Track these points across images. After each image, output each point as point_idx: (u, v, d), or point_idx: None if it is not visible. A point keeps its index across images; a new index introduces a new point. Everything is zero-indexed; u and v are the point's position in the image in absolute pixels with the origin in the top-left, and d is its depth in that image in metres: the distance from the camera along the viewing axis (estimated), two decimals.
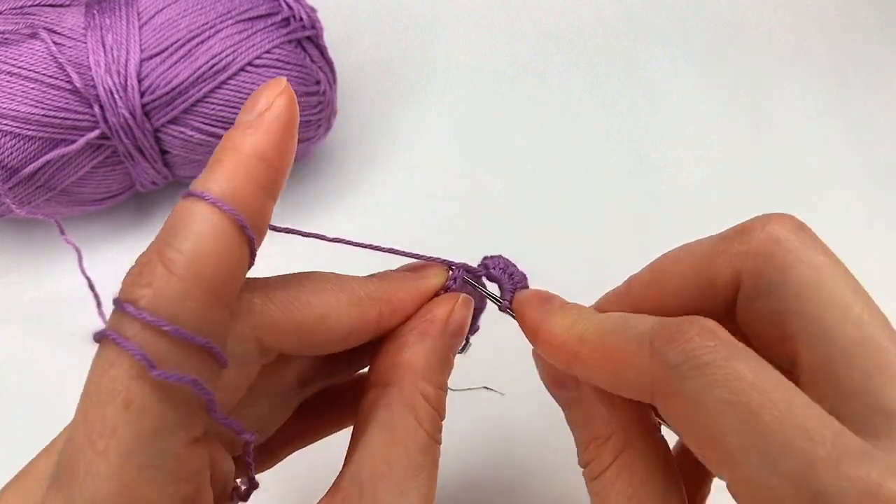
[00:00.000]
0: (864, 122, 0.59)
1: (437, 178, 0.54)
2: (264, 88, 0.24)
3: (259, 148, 0.23)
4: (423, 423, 0.26)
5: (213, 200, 0.21)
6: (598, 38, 0.62)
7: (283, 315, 0.26)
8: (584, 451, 0.27)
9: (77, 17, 0.44)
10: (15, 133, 0.42)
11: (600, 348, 0.26)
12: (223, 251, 0.21)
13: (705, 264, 0.27)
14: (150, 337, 0.20)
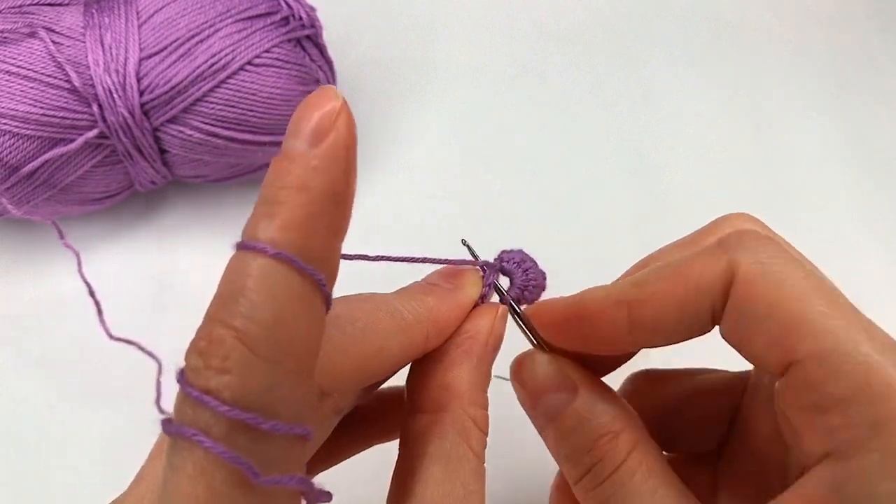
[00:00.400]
0: (864, 121, 0.59)
1: (437, 178, 0.54)
2: (315, 103, 0.20)
3: (327, 185, 0.19)
4: (474, 448, 0.26)
5: (285, 256, 0.18)
6: (598, 38, 0.62)
7: (343, 359, 0.24)
8: (587, 454, 0.26)
9: (76, 16, 0.44)
10: (13, 132, 0.42)
11: (664, 277, 0.25)
12: (305, 318, 0.18)
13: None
14: (239, 434, 0.17)
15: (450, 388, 0.26)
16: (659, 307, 0.25)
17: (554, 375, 0.28)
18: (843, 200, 0.55)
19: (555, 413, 0.27)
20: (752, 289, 0.24)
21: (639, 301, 0.25)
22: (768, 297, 0.23)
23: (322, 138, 0.19)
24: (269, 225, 0.18)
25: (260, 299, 0.17)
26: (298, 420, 0.18)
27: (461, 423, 0.26)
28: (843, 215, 0.54)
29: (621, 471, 0.26)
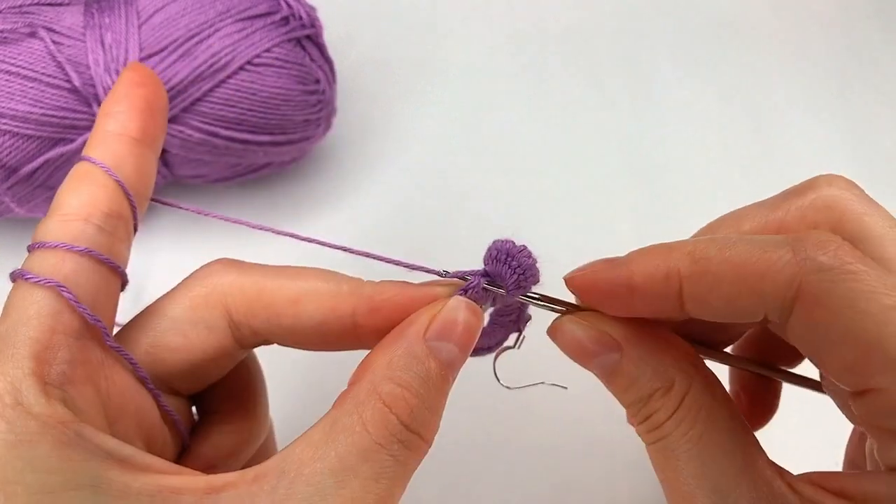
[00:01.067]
0: (864, 121, 0.59)
1: (436, 178, 0.54)
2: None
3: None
4: (368, 424, 0.23)
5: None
6: (598, 38, 0.62)
7: (253, 289, 0.27)
8: (644, 406, 0.27)
9: (76, 16, 0.44)
10: (14, 132, 0.42)
11: (722, 261, 0.24)
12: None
13: (772, 223, 0.28)
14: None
15: (365, 365, 0.25)
16: (713, 293, 0.25)
17: (594, 338, 0.27)
18: None
19: (608, 371, 0.28)
20: (821, 310, 0.22)
21: (692, 277, 0.25)
22: (840, 321, 0.22)
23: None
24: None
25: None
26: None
27: (360, 394, 0.24)
28: None
29: (673, 419, 0.26)
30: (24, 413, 0.21)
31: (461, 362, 0.26)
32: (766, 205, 0.29)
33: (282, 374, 0.35)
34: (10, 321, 0.24)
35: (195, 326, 0.28)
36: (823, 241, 0.23)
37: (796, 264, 0.23)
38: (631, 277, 0.26)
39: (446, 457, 0.33)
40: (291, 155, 0.50)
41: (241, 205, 0.52)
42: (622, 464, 0.43)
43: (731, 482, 0.25)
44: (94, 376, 0.24)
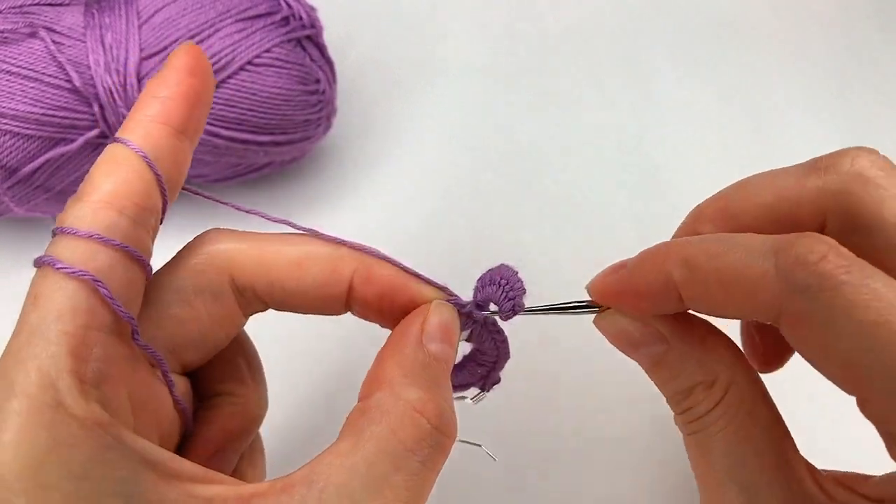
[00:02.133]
0: (864, 121, 0.59)
1: (436, 178, 0.54)
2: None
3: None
4: (398, 431, 0.23)
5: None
6: (598, 38, 0.62)
7: (255, 252, 0.27)
8: (685, 399, 0.27)
9: (76, 16, 0.44)
10: (14, 132, 0.42)
11: (712, 271, 0.24)
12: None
13: (788, 200, 0.28)
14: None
15: (377, 377, 0.26)
16: (708, 299, 0.25)
17: (641, 330, 0.28)
18: None
19: (653, 362, 0.28)
20: (802, 327, 0.23)
21: (687, 284, 0.25)
22: (821, 339, 0.22)
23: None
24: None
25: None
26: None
27: (383, 403, 0.24)
28: None
29: (713, 414, 0.26)
30: (65, 415, 0.20)
31: (453, 358, 0.27)
32: (786, 176, 0.29)
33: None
34: (41, 313, 0.22)
35: (200, 294, 0.27)
36: (806, 253, 0.22)
37: (778, 282, 0.22)
38: (636, 286, 0.27)
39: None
40: (292, 155, 0.50)
41: (241, 204, 0.52)
42: (622, 463, 0.43)
43: (763, 481, 0.25)
44: (124, 374, 0.24)
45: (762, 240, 0.24)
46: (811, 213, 0.27)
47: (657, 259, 0.26)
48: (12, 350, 0.22)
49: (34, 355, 0.21)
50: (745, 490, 0.25)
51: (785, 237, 0.23)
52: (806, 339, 0.23)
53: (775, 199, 0.28)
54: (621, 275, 0.28)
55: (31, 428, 0.20)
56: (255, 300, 0.28)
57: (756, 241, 0.24)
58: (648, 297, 0.27)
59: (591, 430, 0.44)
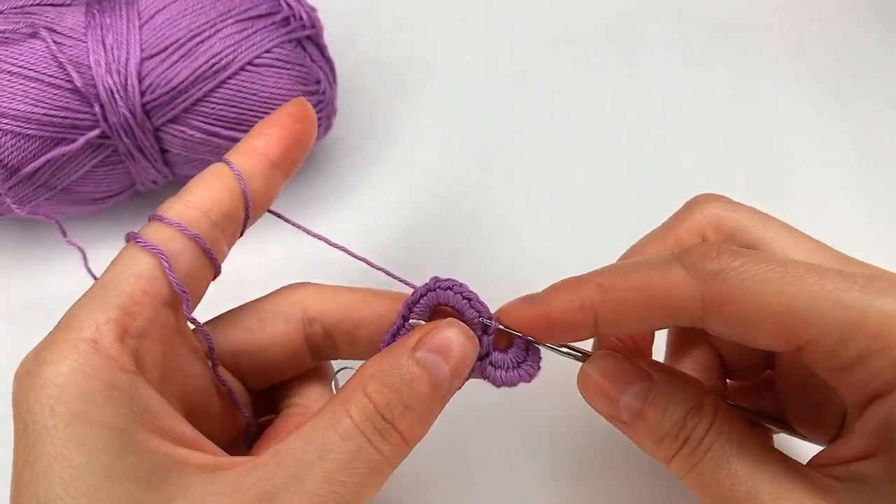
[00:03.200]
0: (864, 121, 0.59)
1: (436, 178, 0.54)
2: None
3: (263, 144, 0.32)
4: (350, 410, 0.26)
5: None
6: (598, 38, 0.62)
7: (328, 291, 0.33)
8: (681, 430, 0.28)
9: (77, 17, 0.45)
10: (15, 132, 0.42)
11: (629, 288, 0.27)
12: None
13: (671, 239, 0.33)
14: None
15: (357, 372, 0.28)
16: (627, 317, 0.27)
17: (627, 370, 0.29)
18: (843, 200, 0.55)
19: (639, 405, 0.29)
20: (728, 307, 0.25)
21: (604, 305, 0.27)
22: (749, 308, 0.25)
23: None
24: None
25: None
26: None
27: (346, 389, 0.27)
28: (843, 215, 0.54)
29: (713, 430, 0.28)
30: (95, 348, 0.25)
31: (451, 382, 0.28)
32: (661, 231, 0.34)
33: None
34: (112, 273, 0.27)
35: (274, 316, 0.32)
36: (705, 250, 0.26)
37: (693, 279, 0.25)
38: (549, 312, 0.29)
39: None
40: None
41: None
42: (622, 465, 0.44)
43: (784, 471, 0.27)
44: (164, 339, 0.28)
45: (662, 255, 0.27)
46: (691, 239, 0.33)
47: (569, 287, 0.28)
48: (84, 296, 0.27)
49: (94, 303, 0.26)
50: (773, 482, 0.27)
51: (679, 250, 0.27)
52: (732, 318, 0.25)
53: (661, 247, 0.33)
54: (533, 302, 0.29)
55: (67, 352, 0.24)
56: (323, 335, 0.33)
57: (659, 256, 0.27)
58: (563, 322, 0.28)
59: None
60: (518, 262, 0.51)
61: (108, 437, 0.23)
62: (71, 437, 0.23)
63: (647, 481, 0.43)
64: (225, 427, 0.32)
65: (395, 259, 0.50)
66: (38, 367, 0.24)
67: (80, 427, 0.23)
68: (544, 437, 0.44)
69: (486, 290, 0.40)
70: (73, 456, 0.23)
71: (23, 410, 0.24)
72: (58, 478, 0.23)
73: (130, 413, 0.24)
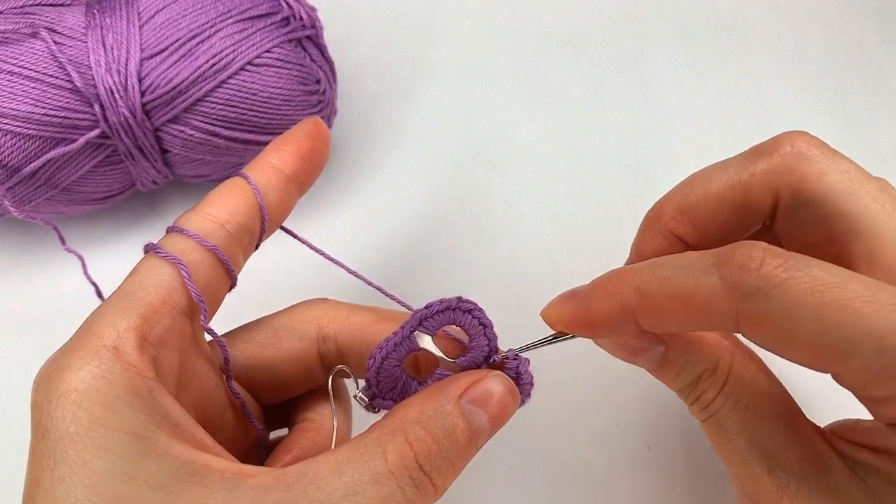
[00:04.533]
0: (864, 122, 0.59)
1: (436, 178, 0.54)
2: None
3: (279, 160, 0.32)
4: (388, 453, 0.25)
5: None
6: (598, 38, 0.62)
7: (345, 311, 0.33)
8: (693, 389, 0.29)
9: (77, 17, 0.44)
10: (15, 132, 0.42)
11: (665, 295, 0.26)
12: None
13: (739, 185, 0.30)
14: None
15: (398, 410, 0.27)
16: (665, 322, 0.27)
17: (632, 344, 0.30)
18: None
19: (657, 363, 0.30)
20: (762, 328, 0.24)
21: (642, 310, 0.27)
22: (782, 332, 0.24)
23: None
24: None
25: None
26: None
27: (386, 428, 0.26)
28: None
29: (721, 395, 0.29)
30: (116, 355, 0.25)
31: (488, 435, 0.28)
32: (733, 164, 0.31)
33: None
34: (132, 282, 0.28)
35: (289, 332, 0.33)
36: (746, 261, 0.24)
37: (728, 293, 0.24)
38: (591, 314, 0.28)
39: None
40: None
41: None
42: (622, 464, 0.44)
43: (780, 446, 0.28)
44: (181, 349, 0.28)
45: (703, 257, 0.26)
46: (762, 194, 0.30)
47: (609, 288, 0.28)
48: (104, 303, 0.27)
49: (114, 310, 0.26)
50: (766, 458, 0.27)
51: (722, 251, 0.25)
52: (769, 337, 0.24)
53: (727, 188, 0.31)
54: (576, 304, 0.29)
55: (89, 358, 0.25)
56: (336, 353, 0.33)
57: (699, 260, 0.26)
58: (606, 325, 0.28)
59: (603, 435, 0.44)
60: (518, 262, 0.51)
61: (129, 442, 0.23)
62: (92, 443, 0.23)
63: (648, 481, 0.43)
64: (237, 440, 0.32)
65: (395, 259, 0.50)
66: (58, 372, 0.25)
67: (101, 432, 0.23)
68: (544, 437, 0.44)
69: (486, 290, 0.40)
70: (94, 461, 0.23)
71: (42, 415, 0.24)
72: (79, 483, 0.23)
73: (151, 419, 0.24)
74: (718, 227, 0.31)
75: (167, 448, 0.24)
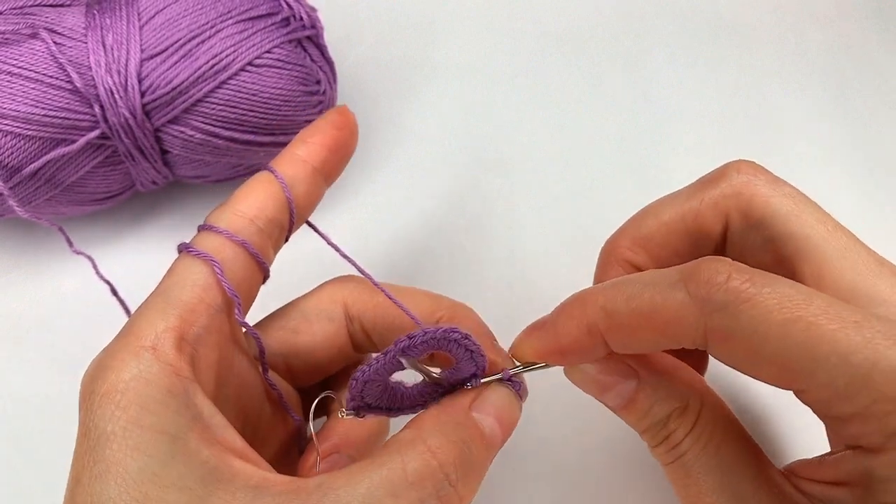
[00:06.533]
0: (864, 122, 0.59)
1: (436, 178, 0.54)
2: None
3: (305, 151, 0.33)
4: (407, 464, 0.24)
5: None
6: (598, 38, 0.63)
7: (368, 291, 0.33)
8: (662, 429, 0.29)
9: (77, 17, 0.44)
10: (15, 133, 0.42)
11: (632, 313, 0.25)
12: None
13: (690, 213, 0.32)
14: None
15: (413, 422, 0.27)
16: (632, 340, 0.26)
17: (612, 370, 0.29)
18: (843, 200, 0.55)
19: (625, 400, 0.29)
20: (729, 343, 0.24)
21: (610, 330, 0.26)
22: (748, 347, 0.23)
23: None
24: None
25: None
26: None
27: (404, 439, 0.25)
28: (843, 215, 0.54)
29: (691, 436, 0.28)
30: (155, 356, 0.25)
31: (501, 443, 0.28)
32: (683, 194, 0.33)
33: None
34: (169, 282, 0.28)
35: (318, 316, 0.33)
36: (713, 275, 0.24)
37: (695, 308, 0.24)
38: (559, 341, 0.28)
39: None
40: None
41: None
42: (623, 467, 0.44)
43: (749, 489, 0.27)
44: (219, 345, 0.29)
45: (668, 273, 0.25)
46: (713, 219, 0.31)
47: (574, 312, 0.27)
48: (143, 304, 0.28)
49: (153, 311, 0.27)
50: (735, 500, 0.27)
51: (688, 266, 0.25)
52: (734, 352, 0.24)
53: (678, 217, 0.32)
54: (543, 334, 0.29)
55: (129, 360, 0.25)
56: (362, 333, 0.33)
57: (664, 276, 0.25)
58: (575, 349, 0.28)
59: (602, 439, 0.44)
60: (518, 262, 0.51)
61: (161, 443, 0.24)
62: (127, 443, 0.24)
63: (648, 482, 0.43)
64: (278, 432, 0.32)
65: (395, 259, 0.50)
66: (102, 373, 0.25)
67: (136, 432, 0.24)
68: (544, 436, 0.44)
69: (486, 290, 0.40)
70: (128, 461, 0.23)
71: (86, 414, 0.25)
72: (113, 482, 0.23)
73: (184, 419, 0.25)
74: (672, 254, 0.32)
75: (197, 451, 0.24)
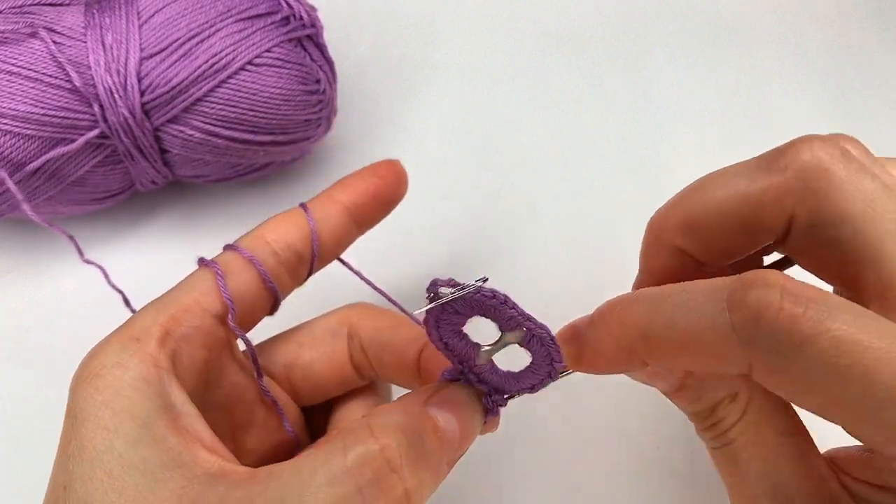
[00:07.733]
0: (864, 122, 0.59)
1: (436, 178, 0.54)
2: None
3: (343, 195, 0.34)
4: (350, 452, 0.23)
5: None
6: (598, 38, 0.62)
7: (370, 311, 0.34)
8: (711, 415, 0.28)
9: (77, 17, 0.44)
10: (14, 132, 0.42)
11: (672, 343, 0.24)
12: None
13: (750, 202, 0.27)
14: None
15: (368, 415, 0.26)
16: (674, 363, 0.26)
17: (652, 370, 0.29)
18: None
19: (674, 387, 0.29)
20: (776, 377, 0.22)
21: (651, 355, 0.25)
22: (799, 387, 0.22)
23: None
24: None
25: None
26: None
27: (351, 427, 0.25)
28: None
29: (739, 425, 0.28)
30: (136, 346, 0.27)
31: (457, 443, 0.26)
32: (743, 174, 0.28)
33: None
34: (177, 286, 0.30)
35: (323, 331, 0.34)
36: (762, 306, 0.21)
37: (740, 342, 0.22)
38: (597, 360, 0.27)
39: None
40: (292, 155, 0.50)
41: (241, 205, 0.52)
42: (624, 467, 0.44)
43: (793, 483, 0.26)
44: (208, 347, 0.29)
45: (712, 296, 0.23)
46: (776, 214, 0.27)
47: (613, 329, 0.26)
48: (145, 305, 0.29)
49: (150, 309, 0.28)
50: (777, 493, 0.26)
51: (734, 288, 0.22)
52: (782, 387, 0.22)
53: (736, 203, 0.27)
54: (581, 345, 0.27)
55: (112, 347, 0.27)
56: (362, 354, 0.34)
57: (706, 300, 0.23)
58: (613, 366, 0.27)
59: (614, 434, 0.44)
60: (519, 262, 0.51)
61: (130, 426, 0.25)
62: (98, 423, 0.25)
63: (648, 482, 0.43)
64: (273, 443, 0.32)
65: (394, 259, 0.50)
66: (89, 359, 0.27)
67: (108, 414, 0.25)
68: (544, 437, 0.44)
69: None
70: (97, 440, 0.24)
71: (71, 396, 0.26)
72: (86, 460, 0.24)
73: (154, 406, 0.25)
74: (726, 242, 0.28)
75: (163, 437, 0.25)
